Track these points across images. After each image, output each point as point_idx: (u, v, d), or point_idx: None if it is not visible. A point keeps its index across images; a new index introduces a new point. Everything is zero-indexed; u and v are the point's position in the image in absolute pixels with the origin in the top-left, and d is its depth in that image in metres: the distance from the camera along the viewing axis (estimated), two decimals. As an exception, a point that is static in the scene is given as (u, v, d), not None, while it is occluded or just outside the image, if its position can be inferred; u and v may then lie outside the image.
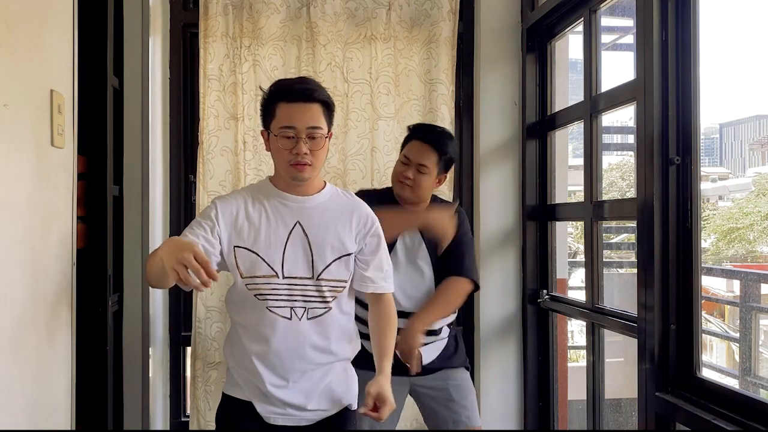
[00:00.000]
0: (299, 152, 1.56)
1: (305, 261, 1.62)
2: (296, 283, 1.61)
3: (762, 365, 6.11)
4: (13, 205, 1.31)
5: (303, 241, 1.62)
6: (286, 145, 1.57)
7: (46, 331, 1.49)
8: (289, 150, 1.57)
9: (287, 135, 1.57)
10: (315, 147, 1.58)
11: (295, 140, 1.56)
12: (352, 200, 1.72)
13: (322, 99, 1.60)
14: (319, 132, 1.58)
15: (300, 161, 1.57)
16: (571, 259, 6.50)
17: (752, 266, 10.86)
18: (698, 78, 1.68)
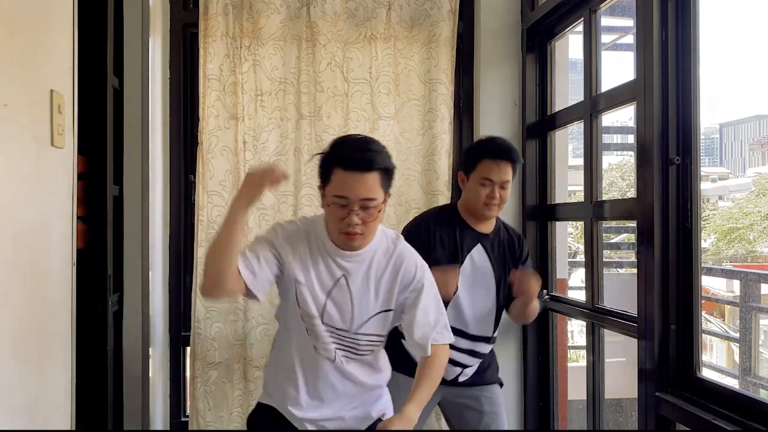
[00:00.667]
0: (350, 223, 1.52)
1: (345, 313, 1.61)
2: (334, 332, 1.62)
3: (762, 365, 6.12)
4: (13, 205, 1.31)
5: (346, 294, 1.61)
6: (338, 214, 1.53)
7: (46, 331, 1.49)
8: (341, 219, 1.53)
9: (340, 204, 1.52)
10: (368, 218, 1.53)
11: (348, 210, 1.51)
12: (399, 252, 1.66)
13: (383, 167, 1.53)
14: (372, 203, 1.52)
15: (350, 231, 1.53)
16: (571, 259, 6.50)
17: (752, 266, 10.86)
18: (698, 78, 1.68)
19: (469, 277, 2.06)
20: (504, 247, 2.13)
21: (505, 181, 2.04)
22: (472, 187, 2.07)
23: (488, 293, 2.09)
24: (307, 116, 2.63)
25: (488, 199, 2.04)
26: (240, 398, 2.60)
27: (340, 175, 1.51)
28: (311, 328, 1.61)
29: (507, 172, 2.04)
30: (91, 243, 2.11)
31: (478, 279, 2.08)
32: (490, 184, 2.03)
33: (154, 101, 2.64)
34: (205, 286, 1.52)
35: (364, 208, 1.52)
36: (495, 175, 2.03)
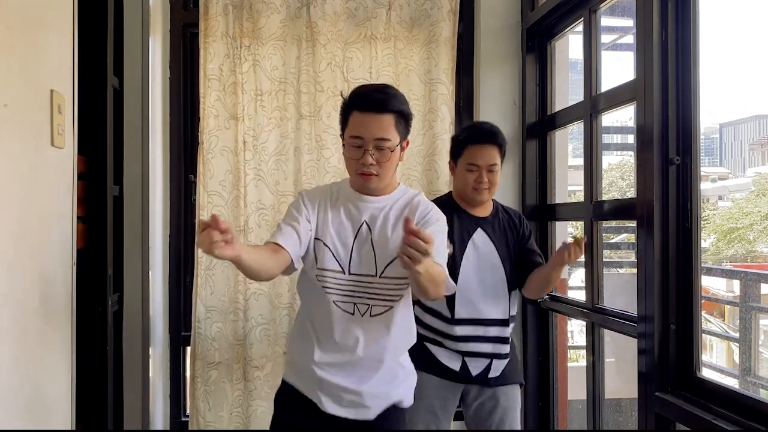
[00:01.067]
0: (365, 163, 1.58)
1: (370, 259, 1.64)
2: (361, 281, 1.63)
3: (762, 365, 6.12)
4: (14, 205, 1.31)
5: (368, 239, 1.65)
6: (353, 155, 1.60)
7: (46, 331, 1.49)
8: (356, 159, 1.60)
9: (355, 145, 1.59)
10: (382, 159, 1.59)
11: (363, 150, 1.58)
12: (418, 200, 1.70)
13: (396, 109, 1.59)
14: (386, 144, 1.58)
15: (365, 171, 1.59)
16: (571, 259, 6.48)
17: (752, 266, 10.86)
18: (698, 78, 1.68)
19: (474, 262, 2.07)
20: (504, 226, 2.14)
21: (492, 164, 2.06)
22: (460, 174, 2.10)
23: (495, 274, 2.09)
24: (307, 116, 2.63)
25: (476, 183, 2.06)
26: (240, 398, 2.60)
27: (356, 117, 1.59)
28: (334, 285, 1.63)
29: (493, 156, 2.06)
30: (91, 243, 2.11)
31: (484, 262, 2.08)
32: (477, 168, 2.06)
33: (154, 101, 2.64)
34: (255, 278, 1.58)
35: (379, 149, 1.58)
36: (480, 159, 2.06)
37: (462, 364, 2.07)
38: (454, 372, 2.07)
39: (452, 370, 2.07)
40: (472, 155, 2.07)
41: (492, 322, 2.07)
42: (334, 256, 1.63)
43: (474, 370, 2.07)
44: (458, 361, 2.07)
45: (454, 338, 2.06)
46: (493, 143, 2.07)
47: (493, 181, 2.08)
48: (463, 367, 2.07)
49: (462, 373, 2.07)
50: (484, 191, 2.07)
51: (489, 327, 2.06)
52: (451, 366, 2.07)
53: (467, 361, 2.07)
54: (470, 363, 2.07)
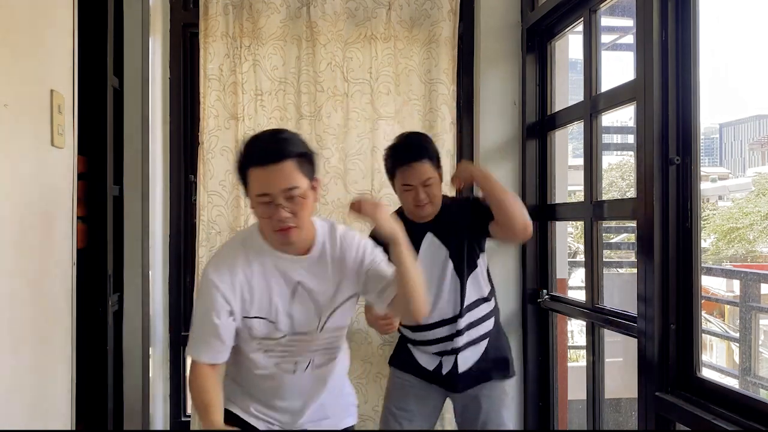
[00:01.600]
0: (280, 219, 1.46)
1: (310, 316, 1.61)
2: (302, 339, 1.62)
3: (762, 365, 6.12)
4: (13, 205, 1.31)
5: (306, 298, 1.60)
6: (266, 213, 1.48)
7: (46, 330, 1.49)
8: (270, 218, 1.47)
9: (265, 202, 1.47)
10: (295, 208, 1.47)
11: (273, 206, 1.46)
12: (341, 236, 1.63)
13: (295, 153, 1.47)
14: (296, 191, 1.46)
15: (282, 227, 1.47)
16: (571, 259, 6.51)
17: (752, 266, 10.86)
18: (698, 78, 1.68)
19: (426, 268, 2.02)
20: (455, 218, 2.09)
21: (426, 179, 2.00)
22: (399, 194, 2.07)
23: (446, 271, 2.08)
24: (307, 116, 2.63)
25: (415, 201, 2.02)
26: (240, 398, 2.59)
27: (255, 174, 1.46)
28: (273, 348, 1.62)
29: (425, 171, 1.99)
30: (91, 243, 2.11)
31: (435, 265, 2.07)
32: (411, 188, 2.01)
33: (154, 101, 2.64)
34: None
35: (289, 199, 1.46)
36: (413, 178, 2.00)
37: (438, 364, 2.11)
38: (429, 371, 2.11)
39: (427, 369, 2.11)
40: (404, 176, 2.01)
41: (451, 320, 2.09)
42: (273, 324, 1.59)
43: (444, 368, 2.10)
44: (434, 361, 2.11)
45: (424, 342, 2.11)
46: (422, 158, 1.99)
47: (432, 194, 2.02)
48: (438, 365, 2.10)
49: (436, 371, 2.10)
50: (426, 206, 2.03)
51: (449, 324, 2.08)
52: (426, 366, 2.11)
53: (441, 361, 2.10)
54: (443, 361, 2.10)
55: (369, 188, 2.63)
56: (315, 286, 1.59)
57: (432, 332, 2.09)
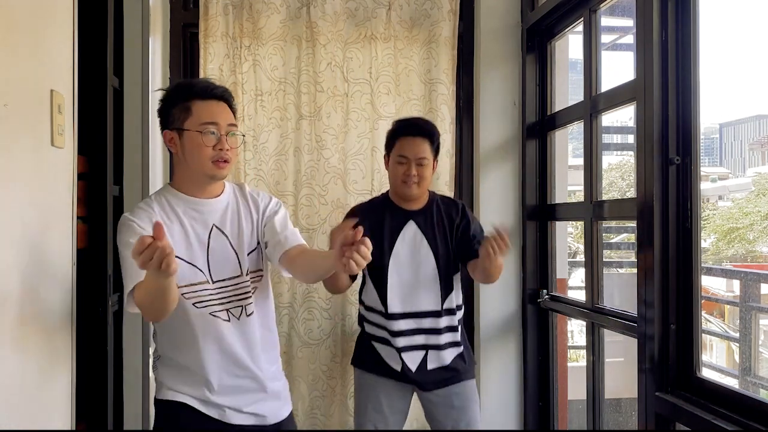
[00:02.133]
0: (223, 148, 1.56)
1: (232, 262, 1.63)
2: (227, 285, 1.62)
3: (762, 365, 6.12)
4: (13, 205, 1.31)
5: (223, 241, 1.63)
6: (209, 142, 1.56)
7: (46, 330, 1.49)
8: (213, 146, 1.56)
9: (211, 131, 1.56)
10: (234, 144, 1.61)
11: (218, 137, 1.57)
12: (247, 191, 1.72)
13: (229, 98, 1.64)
14: (235, 129, 1.62)
15: (222, 157, 1.57)
16: (571, 259, 6.51)
17: (752, 266, 10.87)
18: (698, 78, 1.68)
19: (404, 255, 2.08)
20: (441, 217, 2.13)
21: (421, 158, 2.05)
22: (391, 167, 2.11)
23: (427, 266, 2.09)
24: (307, 116, 2.63)
25: (404, 176, 2.06)
26: (240, 398, 2.59)
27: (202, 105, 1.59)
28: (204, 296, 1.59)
29: (423, 149, 2.06)
30: (91, 243, 2.10)
31: (414, 255, 2.08)
32: (405, 161, 2.06)
33: (154, 101, 2.64)
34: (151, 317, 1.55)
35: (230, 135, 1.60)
36: (410, 151, 2.05)
37: (401, 361, 2.08)
38: (397, 372, 2.10)
39: (395, 370, 2.09)
40: (402, 147, 2.07)
41: (425, 314, 2.08)
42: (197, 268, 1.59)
43: (411, 364, 2.07)
44: (397, 359, 2.09)
45: (392, 333, 2.08)
46: (424, 136, 2.07)
47: (422, 175, 2.06)
48: (403, 365, 2.08)
49: (404, 371, 2.08)
50: (412, 185, 2.06)
51: (422, 319, 2.08)
52: (394, 366, 2.09)
53: (404, 357, 2.07)
54: (406, 358, 2.07)
55: (369, 188, 2.63)
56: (228, 230, 1.64)
57: (405, 321, 2.07)
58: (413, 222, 2.11)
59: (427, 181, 2.10)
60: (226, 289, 1.62)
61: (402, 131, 2.10)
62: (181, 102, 1.59)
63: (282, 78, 2.63)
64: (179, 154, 1.61)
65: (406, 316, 2.08)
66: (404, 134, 2.08)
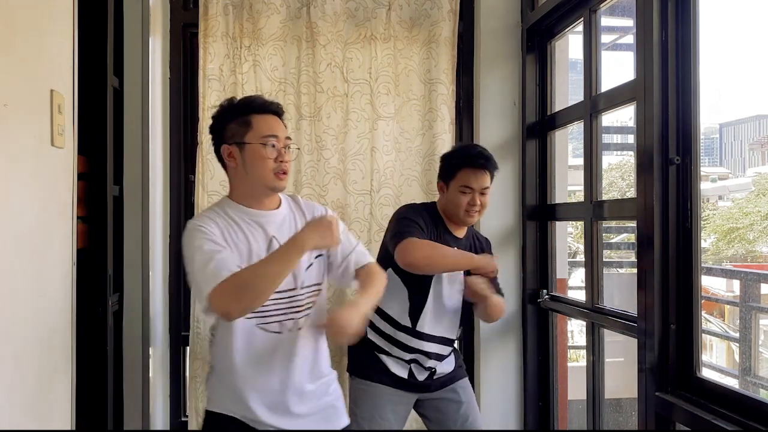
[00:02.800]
0: (284, 160, 1.61)
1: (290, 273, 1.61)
2: (282, 297, 1.61)
3: (762, 365, 6.12)
4: (13, 205, 1.31)
5: None
6: (271, 154, 1.60)
7: (46, 330, 1.49)
8: (274, 158, 1.61)
9: (273, 144, 1.61)
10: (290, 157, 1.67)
11: (277, 149, 1.61)
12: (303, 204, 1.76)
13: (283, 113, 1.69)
14: (291, 143, 1.67)
15: (283, 169, 1.61)
16: (571, 259, 6.51)
17: (752, 266, 10.86)
18: (698, 78, 1.68)
19: (446, 282, 2.11)
20: (475, 250, 2.21)
21: (485, 188, 2.11)
22: (453, 195, 2.12)
23: (457, 296, 2.14)
24: (307, 116, 2.63)
25: (469, 206, 2.10)
26: (240, 398, 2.59)
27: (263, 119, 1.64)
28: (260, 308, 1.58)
29: (486, 180, 2.11)
30: (91, 243, 2.11)
31: (451, 282, 2.12)
32: (470, 191, 2.09)
33: (154, 101, 2.64)
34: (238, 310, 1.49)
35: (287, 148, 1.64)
36: (475, 183, 2.09)
37: (409, 371, 2.11)
38: (402, 379, 2.11)
39: (401, 377, 2.10)
40: (467, 178, 2.09)
41: (446, 341, 2.14)
42: None
43: (420, 376, 2.12)
44: (405, 368, 2.11)
45: (405, 348, 2.09)
46: (486, 169, 2.11)
47: (484, 204, 2.13)
48: (410, 373, 2.12)
49: (410, 379, 2.11)
50: (475, 214, 2.12)
51: (442, 345, 2.13)
52: (400, 374, 2.10)
53: (413, 369, 2.12)
54: (415, 370, 2.12)
55: (368, 188, 2.63)
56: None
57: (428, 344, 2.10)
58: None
59: (486, 208, 2.16)
60: (280, 302, 1.62)
61: (468, 163, 2.10)
62: (240, 117, 1.62)
63: (282, 78, 2.63)
64: (239, 168, 1.63)
65: (431, 339, 2.10)
66: (470, 166, 2.09)
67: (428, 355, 2.10)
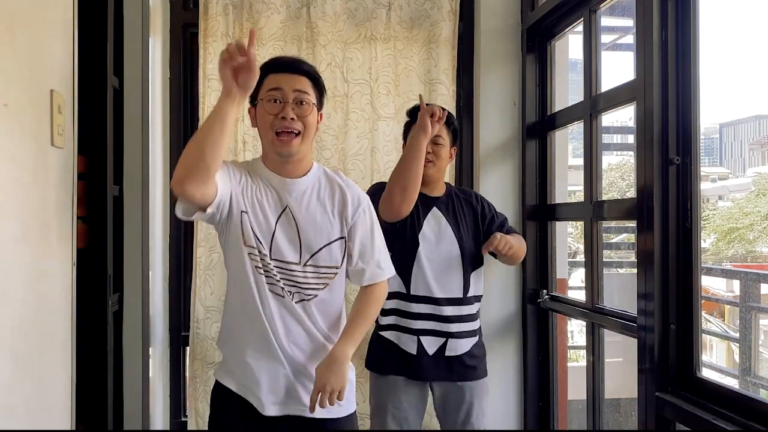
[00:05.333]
0: (286, 116, 1.49)
1: (293, 246, 1.56)
2: (282, 267, 1.56)
3: (762, 365, 6.12)
4: (13, 205, 1.31)
5: (292, 226, 1.57)
6: (272, 110, 1.51)
7: (46, 330, 1.49)
8: (275, 115, 1.51)
9: (274, 98, 1.51)
10: (303, 113, 1.51)
11: (282, 105, 1.51)
12: (340, 180, 1.65)
13: (311, 72, 1.58)
14: (306, 97, 1.52)
15: (285, 128, 1.50)
16: (571, 259, 6.50)
17: (752, 266, 10.86)
18: (698, 78, 1.68)
19: (430, 240, 2.09)
20: (461, 205, 2.19)
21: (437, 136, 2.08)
22: None
23: (451, 253, 2.11)
24: (307, 116, 2.63)
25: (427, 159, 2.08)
26: (240, 398, 2.59)
27: (272, 77, 1.54)
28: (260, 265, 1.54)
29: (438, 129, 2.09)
30: (91, 243, 2.11)
31: (439, 240, 2.11)
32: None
33: (154, 101, 2.64)
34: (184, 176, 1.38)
35: (299, 103, 1.51)
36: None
37: (418, 344, 2.08)
38: (412, 359, 2.08)
39: (410, 356, 2.08)
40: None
41: (447, 301, 2.09)
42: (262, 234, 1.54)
43: (429, 348, 2.08)
44: (414, 342, 2.08)
45: (410, 315, 2.08)
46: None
47: (438, 154, 2.11)
48: (420, 347, 2.08)
49: (420, 355, 2.08)
50: (429, 164, 2.09)
51: (443, 306, 2.09)
52: (408, 350, 2.08)
53: (422, 340, 2.08)
54: (425, 342, 2.08)
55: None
56: (302, 216, 1.57)
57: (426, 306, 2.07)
58: (436, 208, 2.14)
59: (443, 160, 2.14)
60: (282, 272, 1.56)
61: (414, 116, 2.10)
62: (262, 77, 1.51)
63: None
64: (258, 130, 1.59)
65: (427, 300, 2.08)
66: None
67: (436, 317, 2.07)
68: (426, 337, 2.08)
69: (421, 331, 2.08)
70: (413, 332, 2.09)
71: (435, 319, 2.08)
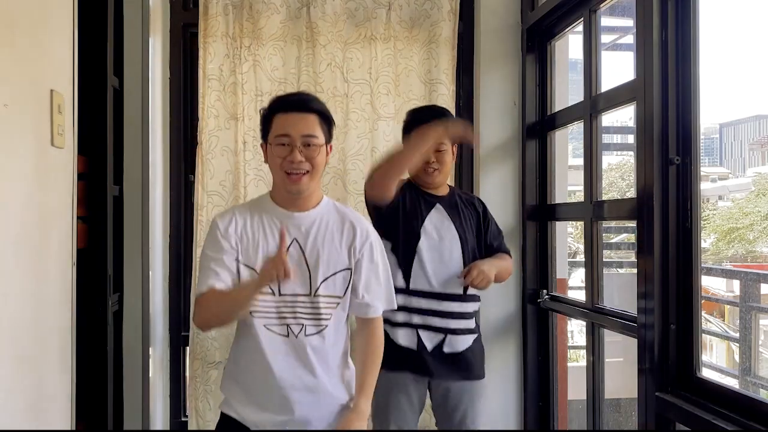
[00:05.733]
0: (293, 160, 1.55)
1: (302, 278, 1.59)
2: (291, 301, 1.59)
3: (762, 365, 6.12)
4: (13, 205, 1.31)
5: (300, 258, 1.60)
6: (280, 153, 1.57)
7: (46, 330, 1.49)
8: (284, 158, 1.57)
9: (282, 143, 1.57)
10: (311, 155, 1.57)
11: (290, 148, 1.56)
12: (349, 213, 1.70)
13: (318, 110, 1.61)
14: (314, 140, 1.57)
15: (294, 170, 1.56)
16: (571, 259, 6.50)
17: (752, 266, 10.86)
18: (698, 78, 1.68)
19: (431, 236, 2.10)
20: (464, 205, 2.20)
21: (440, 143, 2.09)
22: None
23: (453, 249, 2.11)
24: (307, 116, 2.63)
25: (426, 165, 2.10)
26: (240, 398, 2.59)
27: (280, 118, 1.59)
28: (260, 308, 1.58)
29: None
30: (91, 243, 2.11)
31: (441, 237, 2.11)
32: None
33: (154, 101, 2.64)
34: (206, 324, 1.66)
35: (306, 146, 1.57)
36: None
37: (417, 338, 2.08)
38: (411, 354, 2.07)
39: (409, 351, 2.07)
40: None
41: (447, 297, 2.10)
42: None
43: (428, 343, 2.08)
44: (414, 336, 2.08)
45: (409, 310, 2.07)
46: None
47: (442, 161, 2.12)
48: (419, 342, 2.07)
49: (419, 350, 2.07)
50: (435, 172, 2.11)
51: (443, 301, 2.09)
52: (408, 345, 2.07)
53: (421, 334, 2.08)
54: (424, 336, 2.08)
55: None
56: (310, 248, 1.61)
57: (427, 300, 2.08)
58: (440, 205, 2.15)
59: (447, 166, 2.15)
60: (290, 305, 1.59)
61: (418, 120, 2.09)
62: (270, 115, 1.61)
63: (282, 78, 2.63)
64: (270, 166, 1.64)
65: (427, 295, 2.08)
66: (421, 123, 2.06)
67: (436, 313, 2.07)
68: (425, 332, 2.08)
69: (420, 326, 2.08)
70: (412, 326, 2.08)
71: (434, 314, 2.08)
